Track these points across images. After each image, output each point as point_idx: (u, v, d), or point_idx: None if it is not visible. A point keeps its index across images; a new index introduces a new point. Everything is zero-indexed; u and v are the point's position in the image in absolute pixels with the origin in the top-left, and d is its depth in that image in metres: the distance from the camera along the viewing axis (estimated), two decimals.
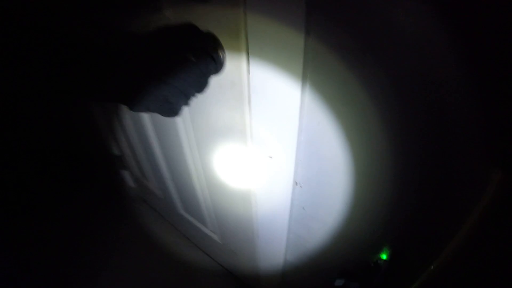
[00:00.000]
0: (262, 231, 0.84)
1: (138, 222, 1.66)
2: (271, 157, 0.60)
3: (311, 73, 0.46)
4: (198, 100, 0.71)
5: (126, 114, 1.16)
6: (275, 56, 0.47)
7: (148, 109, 0.45)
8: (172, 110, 0.47)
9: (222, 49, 0.52)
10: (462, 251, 0.47)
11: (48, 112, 1.52)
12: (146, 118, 1.03)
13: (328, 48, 0.42)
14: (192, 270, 1.41)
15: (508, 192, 0.39)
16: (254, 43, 0.47)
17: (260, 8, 0.43)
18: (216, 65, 0.51)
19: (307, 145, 0.56)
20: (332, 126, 0.50)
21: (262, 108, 0.55)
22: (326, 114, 0.49)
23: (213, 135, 0.74)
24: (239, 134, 0.65)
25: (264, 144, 0.60)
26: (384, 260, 0.62)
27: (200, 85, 0.49)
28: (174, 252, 1.48)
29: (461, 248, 0.47)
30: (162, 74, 0.43)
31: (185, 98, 0.47)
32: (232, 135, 0.67)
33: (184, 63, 0.45)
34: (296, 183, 0.62)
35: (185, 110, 0.78)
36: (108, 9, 0.40)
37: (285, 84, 0.48)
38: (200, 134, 0.79)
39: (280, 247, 0.82)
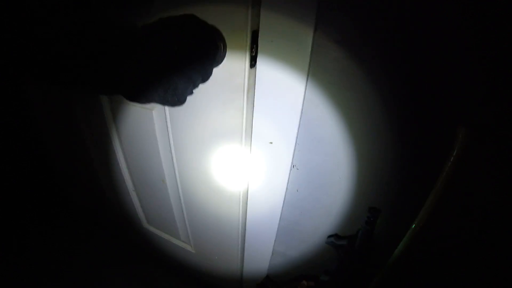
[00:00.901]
0: (252, 225, 0.85)
1: (97, 243, 1.45)
2: (271, 143, 0.64)
3: (314, 61, 0.53)
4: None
5: (85, 119, 1.03)
6: (284, 47, 0.52)
7: (152, 100, 0.43)
8: (179, 99, 0.46)
9: (223, 39, 0.55)
10: (438, 207, 0.57)
11: None
12: (111, 123, 0.94)
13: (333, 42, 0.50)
14: None
15: (473, 146, 0.50)
16: (264, 33, 0.52)
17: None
18: (220, 54, 0.54)
19: (306, 128, 0.62)
20: (330, 109, 0.57)
21: (266, 97, 0.59)
22: (325, 97, 0.56)
23: (199, 132, 0.74)
24: (232, 130, 0.67)
25: (265, 130, 0.63)
26: (367, 224, 0.72)
27: (206, 73, 0.50)
28: (141, 272, 1.33)
29: (437, 204, 0.56)
30: (172, 62, 0.42)
31: (193, 86, 0.48)
32: (224, 132, 0.69)
33: (194, 52, 0.46)
34: (294, 166, 0.67)
35: (162, 108, 0.76)
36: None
37: (291, 72, 0.54)
38: (180, 132, 0.78)
39: (270, 238, 0.84)
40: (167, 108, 0.75)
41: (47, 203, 1.61)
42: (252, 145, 0.66)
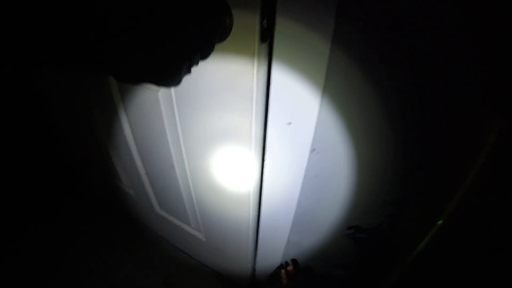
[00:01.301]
0: (267, 212, 0.81)
1: (108, 227, 1.48)
2: (289, 123, 0.58)
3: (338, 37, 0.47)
4: (189, 83, 0.67)
5: (94, 104, 1.01)
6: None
7: (141, 79, 0.37)
8: (173, 79, 0.40)
9: (231, 15, 0.48)
10: (467, 203, 0.51)
11: None
12: (121, 107, 0.91)
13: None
14: (175, 274, 1.29)
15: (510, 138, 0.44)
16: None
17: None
18: (224, 31, 0.47)
19: (327, 109, 0.56)
20: (357, 85, 0.50)
21: (284, 71, 0.53)
22: (351, 72, 0.50)
23: (206, 113, 0.69)
24: (241, 112, 0.62)
25: (283, 109, 0.57)
26: (389, 217, 0.66)
27: (205, 51, 0.43)
28: (153, 257, 1.33)
29: (466, 200, 0.51)
30: (163, 36, 0.35)
31: (189, 64, 0.41)
32: (232, 115, 0.64)
33: (189, 26, 0.39)
34: (313, 149, 0.61)
35: (172, 94, 0.72)
36: None
37: (312, 43, 0.47)
38: (187, 113, 0.73)
39: (285, 225, 0.80)
40: (172, 88, 0.70)
41: (61, 188, 1.65)
42: (268, 126, 0.61)
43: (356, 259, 0.77)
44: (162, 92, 0.73)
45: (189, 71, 0.41)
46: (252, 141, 0.65)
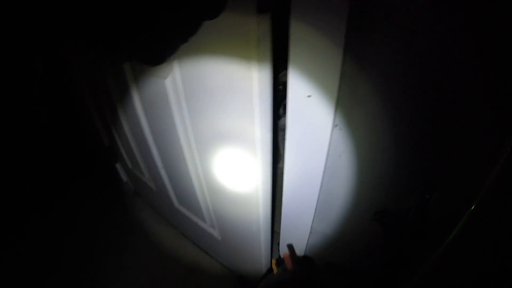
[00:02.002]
0: (289, 198, 0.77)
1: (133, 218, 1.51)
2: (309, 96, 0.55)
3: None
4: (197, 85, 0.65)
5: (117, 100, 1.03)
6: None
7: (125, 57, 0.36)
8: (155, 58, 0.38)
9: None
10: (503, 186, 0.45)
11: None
12: (138, 102, 0.92)
13: None
14: (191, 268, 1.29)
15: None
16: None
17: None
18: (212, 7, 0.42)
19: (351, 80, 0.52)
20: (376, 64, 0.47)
21: (303, 39, 0.50)
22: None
23: (215, 127, 0.69)
24: (244, 92, 0.59)
25: (302, 82, 0.55)
26: (420, 200, 0.60)
27: (190, 30, 0.41)
28: (171, 250, 1.34)
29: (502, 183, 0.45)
30: (142, 16, 0.34)
31: (171, 44, 0.39)
32: (237, 96, 0.61)
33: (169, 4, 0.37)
34: (336, 125, 0.58)
35: (181, 92, 0.71)
36: None
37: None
38: (193, 98, 0.72)
39: (308, 213, 0.76)
40: (178, 74, 0.69)
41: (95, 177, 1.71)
42: (289, 100, 0.58)
43: (383, 248, 0.71)
44: (168, 79, 0.73)
45: (173, 51, 0.40)
46: (256, 133, 0.63)
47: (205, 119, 0.72)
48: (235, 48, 0.52)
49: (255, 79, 0.54)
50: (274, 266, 0.85)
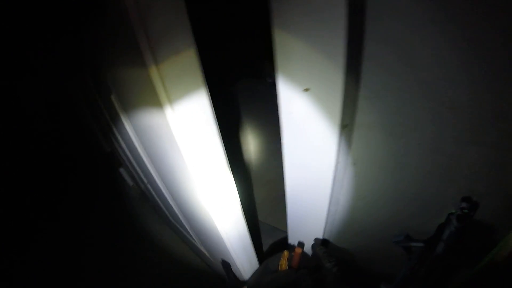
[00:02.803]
0: (293, 210, 0.66)
1: (139, 222, 1.51)
2: (307, 89, 0.44)
3: None
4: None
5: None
6: None
7: None
8: None
9: None
10: None
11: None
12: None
13: None
14: (196, 274, 1.25)
15: None
16: None
17: None
18: None
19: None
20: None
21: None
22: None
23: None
24: None
25: (295, 73, 0.43)
26: (458, 220, 0.48)
27: None
28: (179, 256, 1.32)
29: None
30: None
31: None
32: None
33: None
34: (346, 125, 0.46)
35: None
36: None
37: None
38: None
39: (318, 226, 0.65)
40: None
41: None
42: (280, 95, 0.47)
43: (406, 273, 0.58)
44: None
45: None
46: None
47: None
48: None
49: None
50: (284, 260, 0.75)
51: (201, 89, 0.43)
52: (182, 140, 0.44)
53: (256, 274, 0.75)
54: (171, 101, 0.40)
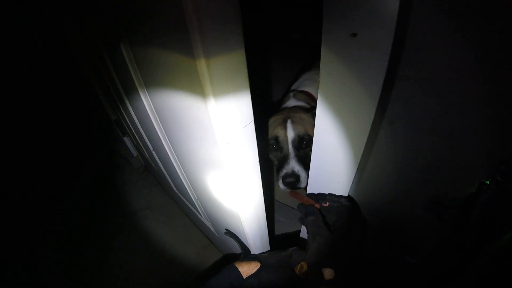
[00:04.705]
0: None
1: (143, 194, 1.47)
2: (355, 34, 0.39)
3: None
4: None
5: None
6: None
7: None
8: None
9: None
10: None
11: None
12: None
13: None
14: (200, 248, 1.22)
15: None
16: None
17: None
18: None
19: None
20: None
21: None
22: None
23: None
24: None
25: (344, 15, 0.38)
26: (497, 183, 0.44)
27: None
28: (181, 228, 1.30)
29: None
30: None
31: None
32: None
33: None
34: (391, 123, 0.41)
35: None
36: None
37: None
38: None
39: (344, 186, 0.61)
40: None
41: None
42: (324, 40, 0.42)
43: (437, 243, 0.56)
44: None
45: None
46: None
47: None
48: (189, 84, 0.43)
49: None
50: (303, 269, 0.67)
51: (245, 90, 0.45)
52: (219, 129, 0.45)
53: (272, 257, 0.67)
54: (215, 94, 0.40)
